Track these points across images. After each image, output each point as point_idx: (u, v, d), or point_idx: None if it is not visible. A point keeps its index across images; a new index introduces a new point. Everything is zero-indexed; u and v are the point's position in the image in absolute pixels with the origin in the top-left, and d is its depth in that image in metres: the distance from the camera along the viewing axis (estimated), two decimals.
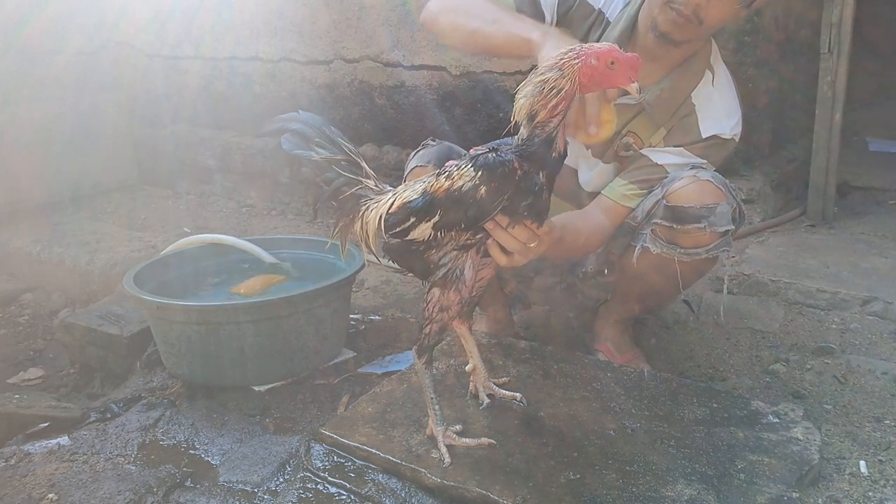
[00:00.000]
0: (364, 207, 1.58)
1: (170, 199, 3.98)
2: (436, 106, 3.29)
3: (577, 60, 1.33)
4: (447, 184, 1.41)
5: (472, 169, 1.39)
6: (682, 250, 1.80)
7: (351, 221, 1.60)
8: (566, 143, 1.41)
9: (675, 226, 1.77)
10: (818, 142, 2.98)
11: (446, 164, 1.45)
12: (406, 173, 1.91)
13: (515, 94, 1.39)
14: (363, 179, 1.62)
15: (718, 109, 1.85)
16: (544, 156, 1.37)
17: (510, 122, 1.42)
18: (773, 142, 3.31)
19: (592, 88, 1.36)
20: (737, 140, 1.88)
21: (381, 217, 1.52)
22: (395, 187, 1.60)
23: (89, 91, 3.96)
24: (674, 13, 1.68)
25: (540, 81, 1.35)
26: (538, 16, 1.87)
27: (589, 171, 1.99)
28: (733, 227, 1.80)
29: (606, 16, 1.85)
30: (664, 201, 1.79)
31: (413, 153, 1.94)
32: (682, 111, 1.85)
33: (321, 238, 2.49)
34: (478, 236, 1.45)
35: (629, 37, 1.82)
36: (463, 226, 1.42)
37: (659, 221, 1.79)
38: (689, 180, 1.77)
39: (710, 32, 1.76)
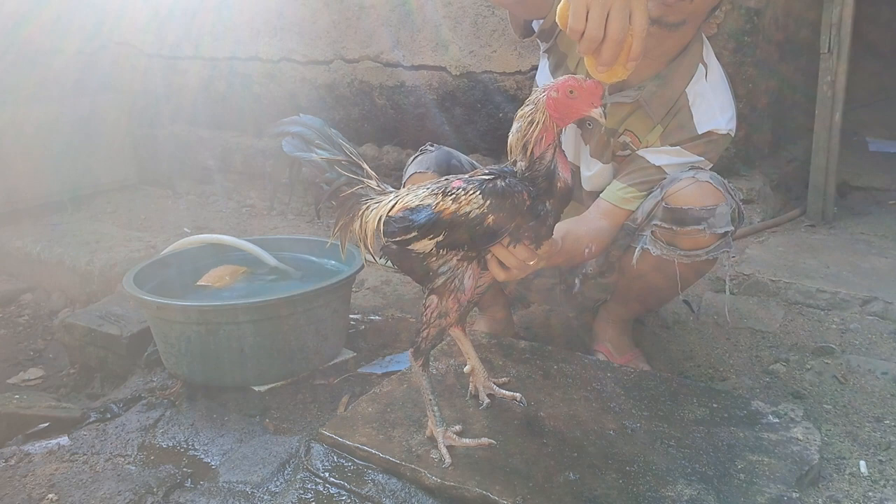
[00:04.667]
0: (364, 207, 1.58)
1: (170, 199, 3.98)
2: (436, 106, 3.30)
3: (543, 94, 1.36)
4: (453, 207, 1.41)
5: (480, 196, 1.39)
6: (683, 252, 1.80)
7: (350, 220, 1.60)
8: (571, 172, 1.42)
9: (674, 228, 1.77)
10: (818, 142, 2.98)
11: (452, 184, 1.44)
12: (405, 179, 1.91)
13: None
14: (364, 179, 1.62)
15: (713, 104, 1.85)
16: (550, 187, 1.39)
17: (508, 156, 1.43)
18: (773, 142, 3.31)
19: (563, 119, 1.37)
20: (732, 135, 1.88)
21: (380, 218, 1.52)
22: (396, 188, 1.60)
23: (89, 91, 3.97)
24: None
25: (520, 116, 1.39)
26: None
27: (588, 171, 1.99)
28: (733, 228, 1.80)
29: None
30: (663, 203, 1.79)
31: (411, 159, 1.94)
32: (677, 106, 1.85)
33: (321, 238, 2.49)
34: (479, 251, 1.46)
35: None
36: (466, 247, 1.43)
37: (659, 223, 1.79)
38: (688, 182, 1.77)
39: (702, 10, 1.75)
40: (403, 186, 1.86)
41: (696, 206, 1.75)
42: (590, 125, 1.92)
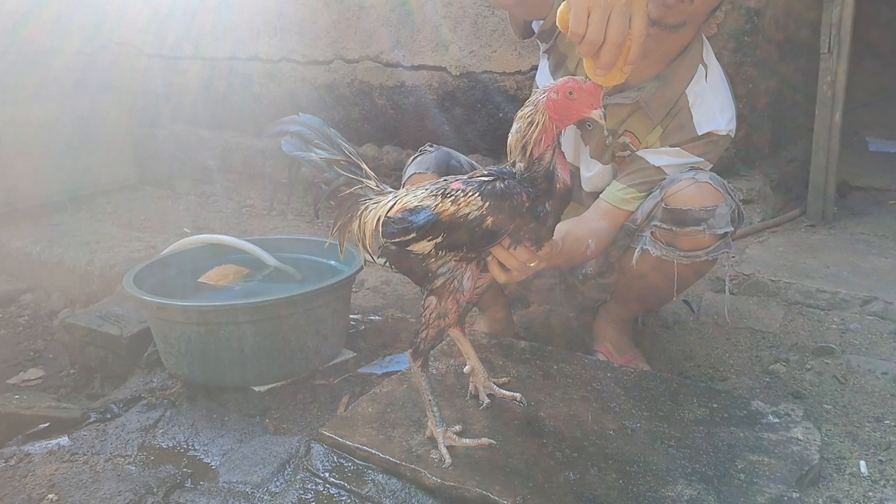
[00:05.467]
0: (363, 207, 1.58)
1: (170, 199, 3.98)
2: (436, 106, 3.29)
3: (543, 95, 1.37)
4: (452, 209, 1.40)
5: (479, 198, 1.39)
6: (682, 253, 1.80)
7: (349, 221, 1.60)
8: (571, 174, 1.43)
9: (674, 228, 1.77)
10: (818, 142, 2.98)
11: (451, 186, 1.44)
12: (404, 180, 1.91)
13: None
14: (363, 179, 1.62)
15: (713, 105, 1.85)
16: (549, 188, 1.39)
17: (507, 157, 1.43)
18: (773, 142, 3.31)
19: (563, 120, 1.37)
20: (732, 136, 1.88)
21: (378, 219, 1.52)
22: (396, 189, 1.60)
23: (89, 91, 3.97)
24: None
25: (520, 117, 1.39)
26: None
27: (588, 171, 1.99)
28: (732, 229, 1.80)
29: None
30: (663, 204, 1.79)
31: (411, 160, 1.94)
32: (677, 107, 1.85)
33: (321, 238, 2.49)
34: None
35: None
36: (465, 249, 1.43)
37: (658, 224, 1.80)
38: (688, 182, 1.77)
39: (702, 11, 1.75)
40: (403, 187, 1.86)
41: (695, 206, 1.75)
42: (589, 126, 1.92)
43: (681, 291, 1.97)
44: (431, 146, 1.95)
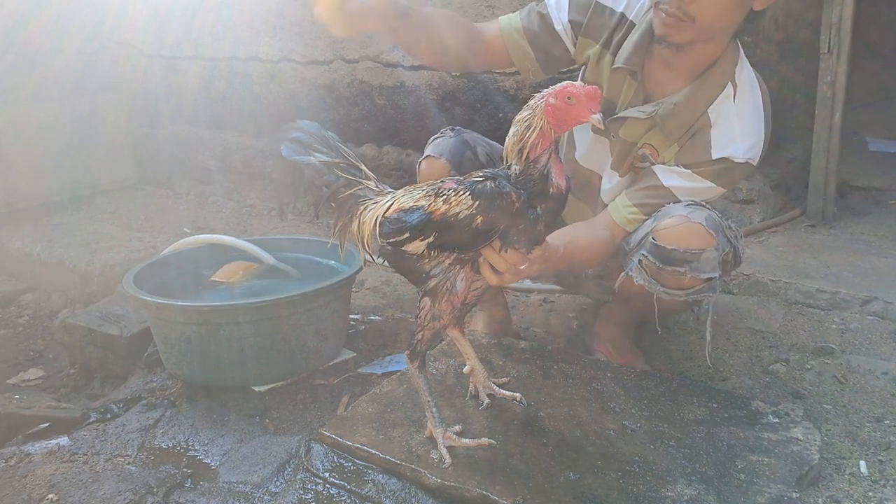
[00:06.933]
0: (362, 208, 1.58)
1: (170, 199, 3.98)
2: (436, 106, 3.29)
3: (542, 99, 1.37)
4: (444, 208, 1.41)
5: (469, 197, 1.40)
6: (663, 289, 1.73)
7: (349, 221, 1.61)
8: (567, 179, 1.42)
9: (658, 264, 1.70)
10: (818, 142, 2.98)
11: (445, 186, 1.45)
12: (420, 159, 1.91)
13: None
14: (363, 181, 1.62)
15: (734, 129, 1.73)
16: (542, 191, 1.39)
17: (504, 161, 1.43)
18: (773, 142, 3.29)
19: (561, 125, 1.37)
20: (753, 164, 1.76)
21: (376, 219, 1.52)
22: (395, 189, 1.61)
23: (89, 91, 3.97)
24: (662, 14, 1.63)
25: (518, 121, 1.39)
26: (551, 34, 1.87)
27: (608, 183, 1.93)
28: (719, 274, 1.72)
29: (630, 18, 1.78)
30: (651, 237, 1.72)
31: (431, 139, 1.94)
32: (696, 126, 1.75)
33: (321, 238, 2.49)
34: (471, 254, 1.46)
35: (648, 42, 1.74)
36: (456, 249, 1.44)
37: (645, 255, 1.73)
38: (679, 220, 1.69)
39: (712, 31, 1.68)
40: (418, 166, 1.89)
41: (680, 247, 1.67)
42: (613, 137, 1.86)
43: (664, 319, 1.90)
44: (452, 130, 1.94)
